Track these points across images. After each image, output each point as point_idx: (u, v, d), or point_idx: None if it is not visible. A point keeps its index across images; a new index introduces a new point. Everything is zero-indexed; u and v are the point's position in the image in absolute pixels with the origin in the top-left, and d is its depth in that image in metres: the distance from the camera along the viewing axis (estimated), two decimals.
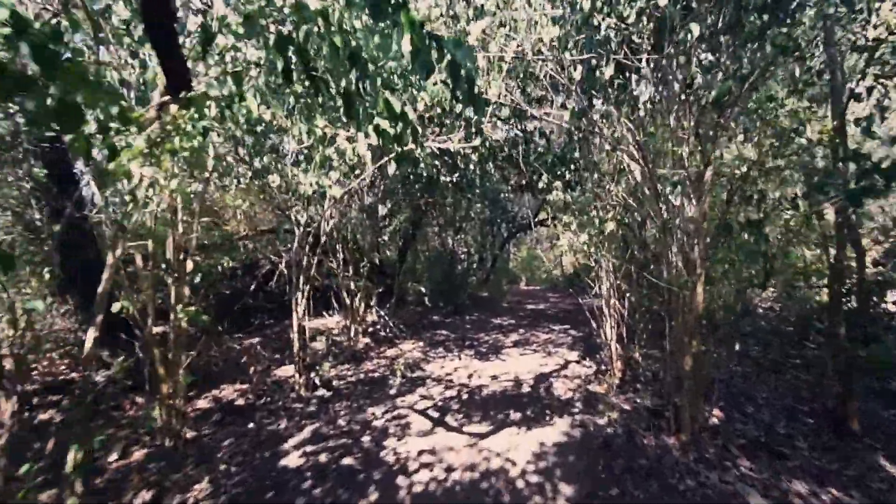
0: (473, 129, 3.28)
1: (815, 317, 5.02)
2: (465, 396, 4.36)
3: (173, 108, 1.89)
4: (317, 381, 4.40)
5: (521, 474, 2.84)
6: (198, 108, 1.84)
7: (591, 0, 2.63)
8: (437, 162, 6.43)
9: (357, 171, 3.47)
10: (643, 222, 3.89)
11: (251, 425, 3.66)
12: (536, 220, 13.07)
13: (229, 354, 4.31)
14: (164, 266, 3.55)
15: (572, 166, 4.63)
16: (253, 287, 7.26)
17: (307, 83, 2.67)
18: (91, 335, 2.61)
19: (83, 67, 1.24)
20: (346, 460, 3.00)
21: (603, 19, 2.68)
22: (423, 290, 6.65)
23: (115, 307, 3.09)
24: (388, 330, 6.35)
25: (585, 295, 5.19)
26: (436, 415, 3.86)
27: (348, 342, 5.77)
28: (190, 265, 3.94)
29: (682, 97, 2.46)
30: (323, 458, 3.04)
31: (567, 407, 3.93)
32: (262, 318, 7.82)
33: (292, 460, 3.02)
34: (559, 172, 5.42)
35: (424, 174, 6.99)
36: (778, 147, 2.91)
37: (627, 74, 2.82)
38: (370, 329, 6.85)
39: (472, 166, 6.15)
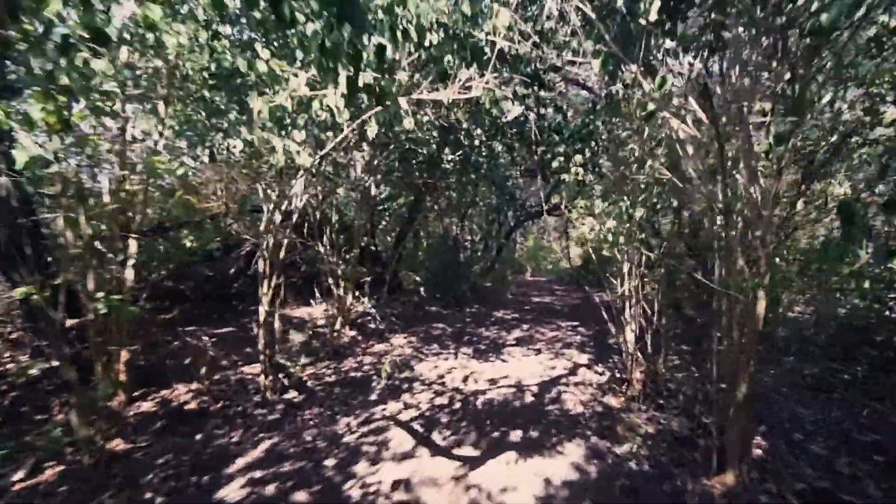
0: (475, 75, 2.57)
1: (867, 326, 4.32)
2: (457, 405, 3.74)
3: None
4: (286, 381, 3.79)
5: None
6: None
7: None
8: (435, 133, 5.73)
9: (330, 133, 2.81)
10: (679, 209, 3.18)
11: (199, 436, 3.07)
12: (548, 206, 12.29)
13: (186, 348, 3.74)
14: (95, 244, 2.93)
15: (593, 143, 3.91)
16: (233, 270, 6.67)
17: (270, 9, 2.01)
18: None
19: None
20: (299, 495, 2.39)
21: None
22: (417, 279, 6.00)
23: (17, 293, 2.48)
24: (378, 322, 5.74)
25: (594, 289, 4.55)
26: (421, 429, 3.25)
27: (331, 335, 5.16)
28: (133, 245, 3.33)
29: (775, 20, 1.75)
30: (271, 489, 2.43)
31: (578, 426, 3.29)
32: (243, 305, 7.25)
33: (232, 491, 2.42)
34: (577, 149, 4.71)
35: (424, 151, 6.30)
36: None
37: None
38: (359, 320, 6.24)
39: (476, 142, 5.43)
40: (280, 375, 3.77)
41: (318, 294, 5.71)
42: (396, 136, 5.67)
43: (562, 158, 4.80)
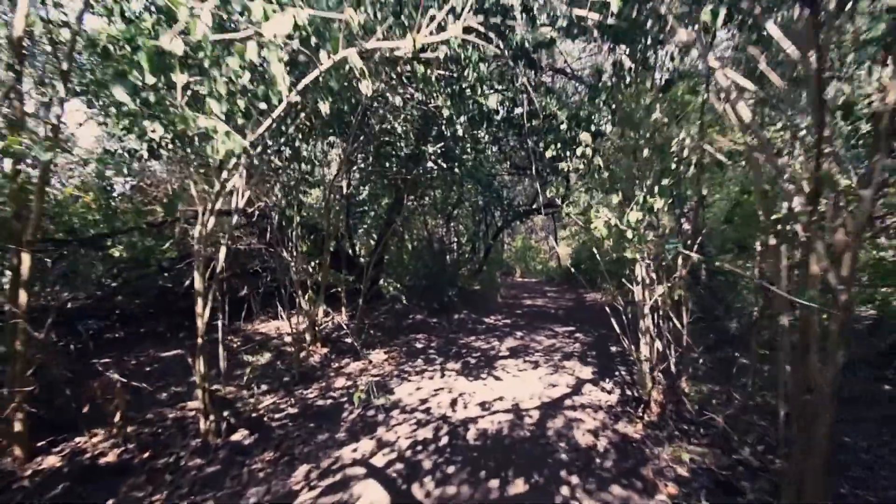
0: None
1: None
2: (443, 440, 3.11)
3: None
4: (232, 420, 3.11)
5: None
6: None
7: None
8: (412, 124, 5.10)
9: (264, 106, 2.17)
10: (702, 197, 2.60)
11: (109, 503, 2.37)
12: (545, 203, 11.75)
13: (106, 387, 3.02)
14: None
15: (604, 118, 3.30)
16: (189, 283, 5.92)
17: None
18: None
19: None
20: None
21: None
22: (394, 288, 5.33)
23: None
24: (353, 337, 5.07)
25: (587, 290, 3.97)
26: (399, 479, 2.60)
27: (298, 354, 4.47)
28: (27, 261, 2.62)
29: None
30: None
31: (593, 466, 2.68)
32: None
33: None
34: (573, 137, 4.13)
35: (402, 145, 5.67)
36: None
37: None
38: (334, 334, 5.56)
39: (460, 130, 4.81)
40: (225, 414, 3.08)
41: (279, 307, 4.97)
42: (367, 125, 5.03)
43: (558, 145, 4.22)
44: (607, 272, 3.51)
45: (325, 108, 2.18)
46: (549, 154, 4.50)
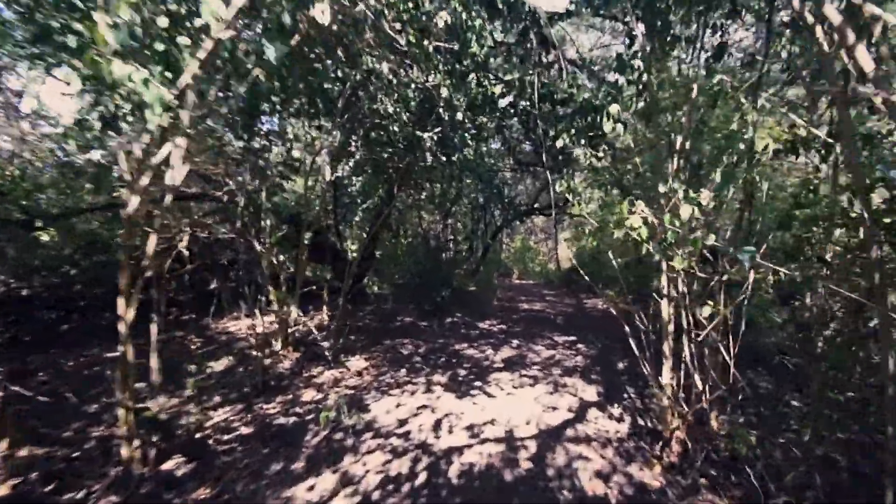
0: None
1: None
2: (420, 477, 2.57)
3: None
4: (163, 445, 2.55)
5: None
6: None
7: None
8: (410, 106, 4.54)
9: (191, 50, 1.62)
10: (751, 194, 2.08)
11: None
12: (549, 203, 11.18)
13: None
14: None
15: (630, 99, 2.74)
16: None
17: None
18: None
19: None
20: None
21: None
22: (379, 287, 4.76)
23: None
24: (331, 340, 4.52)
25: (587, 295, 3.43)
26: None
27: (264, 360, 3.91)
28: None
29: None
30: None
31: None
32: (174, 314, 5.94)
33: None
34: (589, 122, 3.58)
35: (396, 129, 5.10)
36: None
37: None
38: (311, 337, 5.00)
39: (459, 115, 4.25)
40: (154, 438, 2.53)
41: (244, 304, 4.38)
42: (356, 105, 4.47)
43: (571, 132, 3.68)
44: (623, 279, 2.97)
45: (270, 52, 1.62)
46: (560, 144, 3.97)
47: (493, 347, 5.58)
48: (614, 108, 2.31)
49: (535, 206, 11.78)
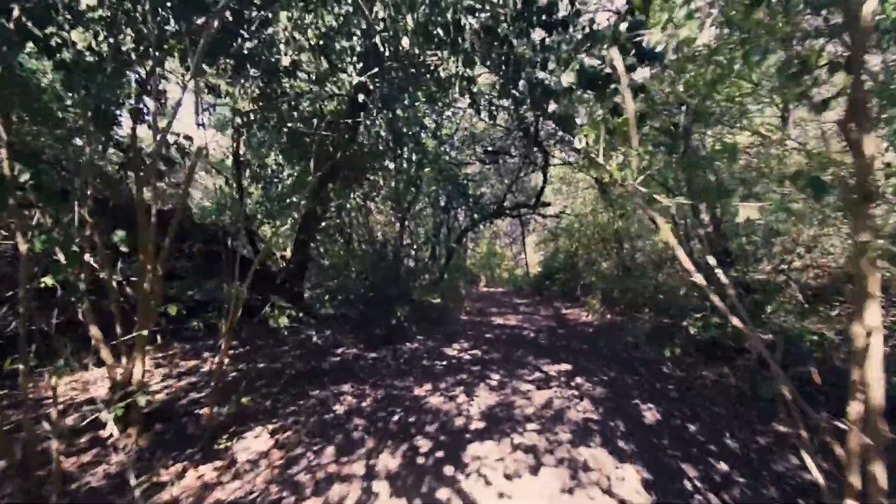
0: None
1: None
2: None
3: None
4: None
5: None
6: None
7: None
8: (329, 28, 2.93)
9: None
10: None
11: None
12: (517, 203, 9.85)
13: None
14: None
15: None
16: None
17: None
18: None
19: None
20: None
21: None
22: (287, 315, 3.06)
23: None
24: (213, 401, 2.80)
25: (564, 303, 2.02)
26: None
27: (57, 462, 2.12)
28: None
29: None
30: None
31: None
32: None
33: None
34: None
35: (325, 106, 3.48)
36: None
37: None
38: (186, 398, 3.21)
39: (405, 43, 2.69)
40: None
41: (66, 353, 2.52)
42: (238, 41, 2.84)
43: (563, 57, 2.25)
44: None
45: None
46: (566, 82, 2.52)
47: (467, 390, 4.02)
48: None
49: (505, 205, 10.41)
